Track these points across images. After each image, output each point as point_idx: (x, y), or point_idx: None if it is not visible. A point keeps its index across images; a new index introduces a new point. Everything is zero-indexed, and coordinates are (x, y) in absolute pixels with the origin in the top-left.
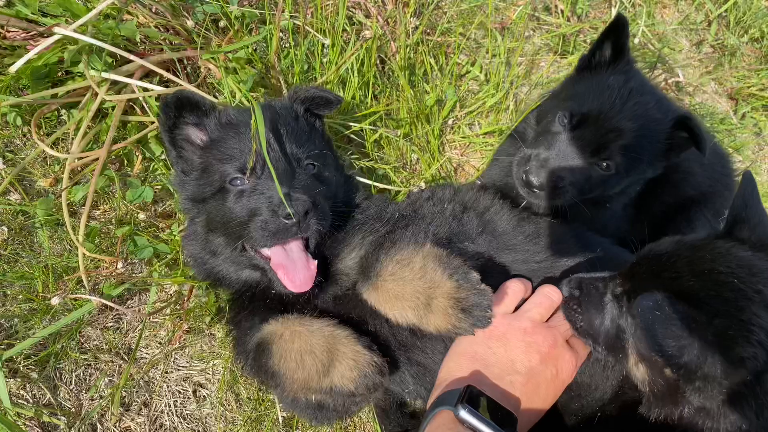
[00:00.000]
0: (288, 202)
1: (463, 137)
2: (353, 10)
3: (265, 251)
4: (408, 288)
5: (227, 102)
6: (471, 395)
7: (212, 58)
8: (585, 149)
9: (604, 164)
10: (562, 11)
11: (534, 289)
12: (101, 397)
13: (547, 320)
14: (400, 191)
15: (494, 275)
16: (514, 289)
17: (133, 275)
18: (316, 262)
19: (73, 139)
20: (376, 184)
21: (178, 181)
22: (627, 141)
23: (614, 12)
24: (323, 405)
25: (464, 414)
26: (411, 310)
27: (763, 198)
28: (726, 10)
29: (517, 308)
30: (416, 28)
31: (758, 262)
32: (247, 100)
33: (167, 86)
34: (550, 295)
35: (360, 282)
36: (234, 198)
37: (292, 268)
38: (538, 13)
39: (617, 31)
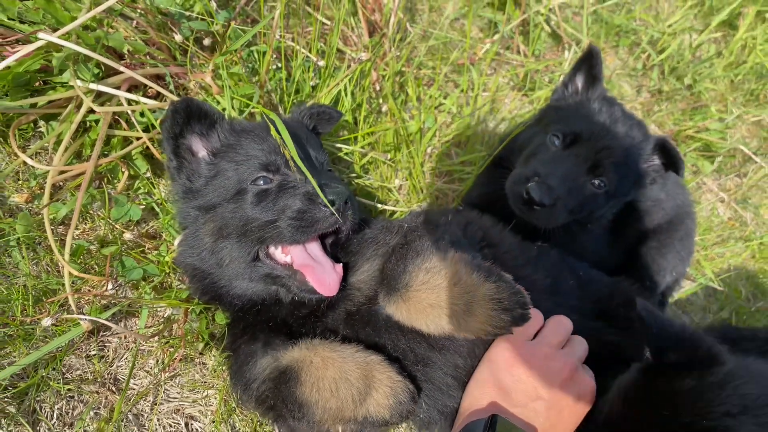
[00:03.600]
0: (329, 190)
1: (442, 165)
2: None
3: (282, 257)
4: (444, 295)
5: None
6: (496, 424)
7: (215, 67)
8: (581, 166)
9: (597, 182)
10: (524, 52)
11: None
12: None
13: (563, 347)
14: (396, 211)
15: None
16: (533, 314)
17: (121, 298)
18: (341, 264)
19: (53, 152)
20: (377, 204)
21: (181, 190)
22: (617, 159)
23: (567, 54)
24: None
25: None
26: (447, 317)
27: (704, 233)
28: (662, 60)
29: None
30: (399, 57)
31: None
32: (241, 115)
33: (160, 100)
34: (564, 323)
35: (384, 295)
36: (255, 199)
37: (320, 269)
38: (501, 50)
39: (591, 60)
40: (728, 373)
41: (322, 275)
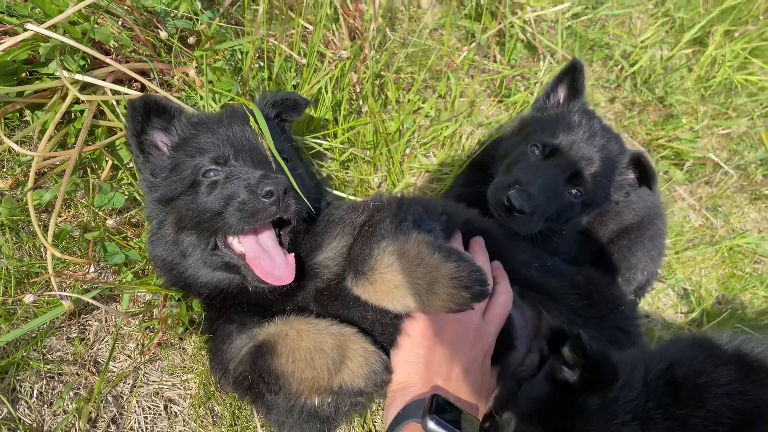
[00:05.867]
0: (267, 181)
1: (420, 165)
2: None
3: (238, 247)
4: (408, 276)
5: (207, 110)
6: (437, 405)
7: (201, 56)
8: (561, 176)
9: (574, 191)
10: (501, 61)
11: None
12: (65, 412)
13: None
14: None
15: None
16: None
17: (103, 282)
18: (293, 255)
19: (37, 141)
20: (351, 197)
21: (146, 185)
22: (595, 170)
23: (543, 64)
24: (318, 414)
25: (433, 426)
26: (412, 296)
27: (676, 238)
28: (634, 72)
29: None
30: (378, 60)
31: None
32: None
33: (143, 92)
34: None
35: (351, 277)
36: (207, 190)
37: (269, 261)
38: (478, 57)
39: (574, 73)
40: (620, 386)
41: (270, 268)
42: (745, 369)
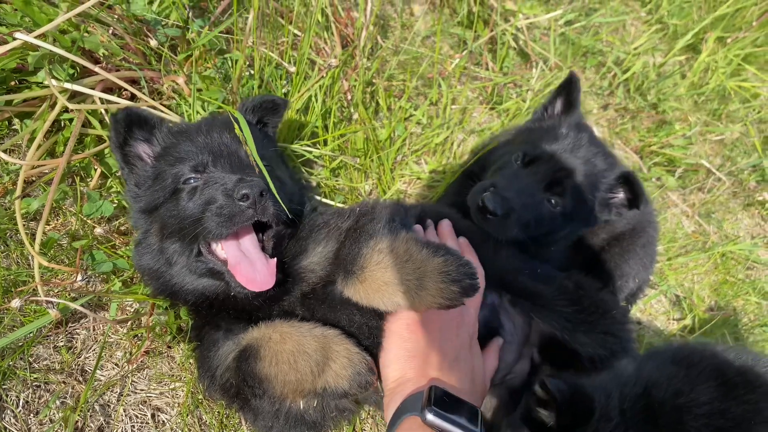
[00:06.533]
0: (243, 184)
1: (411, 173)
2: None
3: (222, 254)
4: (397, 272)
5: (193, 118)
6: (435, 396)
7: (190, 64)
8: (539, 184)
9: (554, 201)
10: (493, 68)
11: None
12: (51, 421)
13: None
14: None
15: None
16: None
17: (90, 291)
18: (275, 260)
19: (26, 149)
20: (338, 204)
21: (131, 195)
22: (577, 181)
23: (535, 72)
24: (304, 419)
25: (432, 418)
26: (402, 293)
27: (669, 243)
28: (627, 79)
29: None
30: (369, 68)
31: None
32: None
33: (132, 101)
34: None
35: (341, 279)
36: (187, 197)
37: (250, 267)
38: (470, 65)
39: (569, 86)
40: (597, 419)
41: (250, 273)
42: (725, 386)
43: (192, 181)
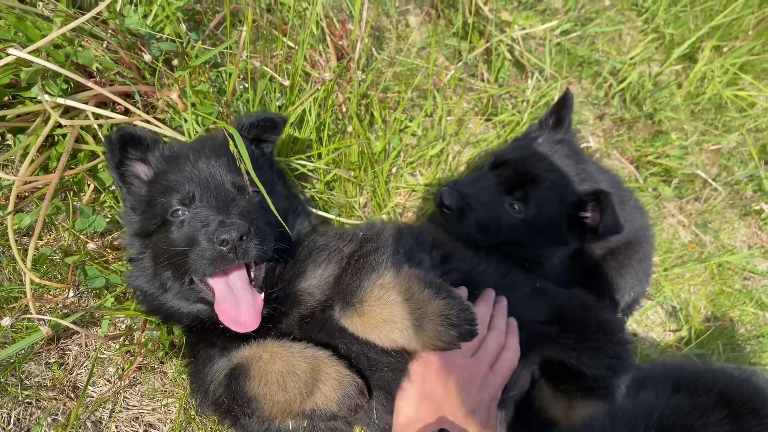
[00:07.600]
0: (222, 229)
1: (406, 185)
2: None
3: (212, 283)
4: (397, 310)
5: (188, 133)
6: None
7: (184, 78)
8: (500, 185)
9: (516, 206)
10: (488, 79)
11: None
12: None
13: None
14: (358, 224)
15: None
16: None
17: (82, 307)
18: (261, 297)
19: (19, 164)
20: (337, 218)
21: (127, 218)
22: (540, 189)
23: (531, 82)
24: None
25: None
26: (399, 331)
27: (665, 254)
28: (623, 89)
29: None
30: (363, 80)
31: None
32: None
33: (126, 116)
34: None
35: (339, 308)
36: (176, 229)
37: (234, 307)
38: (465, 76)
39: (561, 103)
40: None
41: (234, 314)
42: (732, 416)
43: (180, 213)
